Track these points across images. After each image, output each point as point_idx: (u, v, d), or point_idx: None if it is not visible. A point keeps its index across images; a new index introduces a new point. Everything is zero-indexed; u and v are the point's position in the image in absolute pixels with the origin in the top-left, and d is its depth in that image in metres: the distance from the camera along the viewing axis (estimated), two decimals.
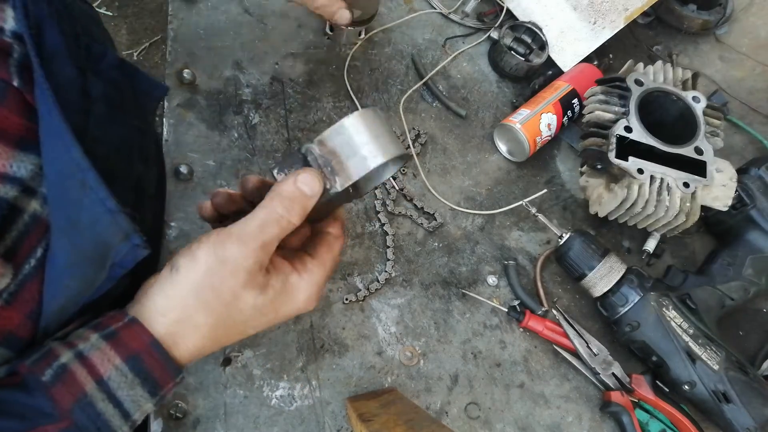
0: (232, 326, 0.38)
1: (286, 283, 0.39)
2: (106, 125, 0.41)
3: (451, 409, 0.60)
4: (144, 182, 0.48)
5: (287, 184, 0.36)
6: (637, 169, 0.64)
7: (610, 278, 0.64)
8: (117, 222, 0.35)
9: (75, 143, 0.33)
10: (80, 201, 0.34)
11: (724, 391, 0.61)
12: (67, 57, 0.38)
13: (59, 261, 0.34)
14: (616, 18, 0.79)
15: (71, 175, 0.33)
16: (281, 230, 0.36)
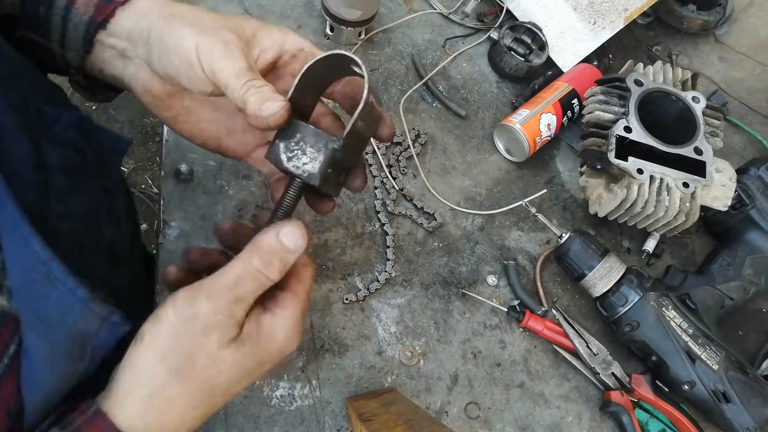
0: (214, 391, 0.34)
1: (261, 327, 0.35)
2: (69, 196, 0.39)
3: (451, 409, 0.60)
4: (117, 245, 0.45)
5: (268, 236, 0.34)
6: (637, 170, 0.64)
7: (609, 278, 0.64)
8: (90, 310, 0.32)
9: (33, 234, 0.31)
10: (47, 294, 0.31)
11: (724, 390, 0.62)
12: (17, 130, 0.35)
13: (34, 357, 0.32)
14: (616, 18, 0.79)
15: (34, 268, 0.31)
16: (258, 286, 0.34)
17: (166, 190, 0.60)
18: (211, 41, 0.36)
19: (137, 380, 0.33)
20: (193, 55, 0.36)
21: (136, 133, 1.63)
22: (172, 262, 0.56)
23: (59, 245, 0.32)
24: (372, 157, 0.70)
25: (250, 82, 0.36)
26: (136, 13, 0.39)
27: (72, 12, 0.39)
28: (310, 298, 0.60)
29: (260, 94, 0.36)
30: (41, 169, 0.36)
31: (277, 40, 0.40)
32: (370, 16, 0.73)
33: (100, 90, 0.46)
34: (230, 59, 0.36)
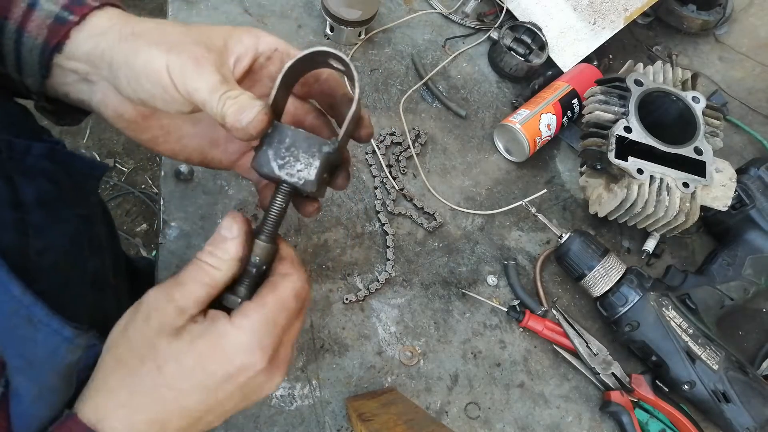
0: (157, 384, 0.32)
1: (211, 327, 0.33)
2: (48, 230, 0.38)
3: (451, 409, 0.60)
4: (101, 274, 0.45)
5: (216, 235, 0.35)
6: (637, 169, 0.64)
7: (609, 278, 0.64)
8: (78, 345, 0.32)
9: (11, 279, 0.31)
10: (32, 337, 0.31)
11: (724, 390, 0.62)
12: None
13: (23, 398, 0.32)
14: (616, 18, 0.79)
15: (16, 313, 0.31)
16: (200, 272, 0.33)
17: (166, 190, 0.60)
18: (182, 59, 0.34)
19: (93, 376, 0.34)
20: (165, 77, 0.34)
21: None
22: (172, 262, 0.57)
23: (42, 281, 0.32)
24: (372, 157, 0.70)
25: (225, 95, 0.34)
26: (94, 34, 0.36)
27: (24, 36, 0.36)
28: (311, 298, 0.60)
29: (237, 104, 0.34)
30: (17, 207, 0.36)
31: (249, 45, 0.38)
32: (370, 16, 0.73)
33: (68, 113, 0.43)
34: (203, 75, 0.34)
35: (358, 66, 0.76)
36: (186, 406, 0.33)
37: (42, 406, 0.33)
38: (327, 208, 0.66)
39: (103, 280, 0.46)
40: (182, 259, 0.57)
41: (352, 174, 0.69)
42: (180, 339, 0.32)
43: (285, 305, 0.35)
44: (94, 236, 0.45)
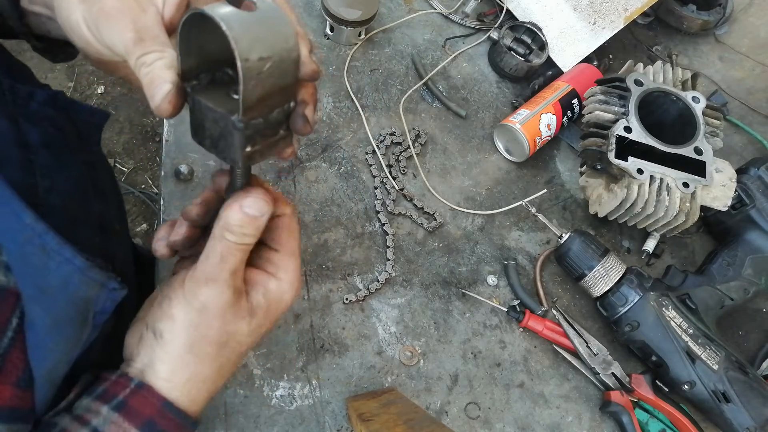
0: (235, 358, 0.38)
1: (268, 294, 0.38)
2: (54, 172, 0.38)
3: (451, 409, 0.60)
4: (106, 219, 0.45)
5: (233, 212, 0.34)
6: (637, 170, 0.64)
7: (609, 278, 0.64)
8: (89, 277, 0.33)
9: (24, 208, 0.31)
10: (45, 266, 0.32)
11: (724, 390, 0.62)
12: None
13: (38, 328, 0.33)
14: (616, 18, 0.79)
15: (29, 242, 0.31)
16: (242, 254, 0.35)
17: (166, 190, 0.60)
18: (93, 13, 0.31)
19: (171, 369, 0.36)
20: (85, 31, 0.32)
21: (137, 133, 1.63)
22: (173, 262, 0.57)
23: (50, 218, 0.32)
24: (372, 157, 0.70)
25: (140, 59, 0.31)
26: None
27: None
28: (310, 298, 0.60)
29: (150, 74, 0.30)
30: (24, 148, 0.36)
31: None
32: (370, 16, 0.73)
33: (60, 48, 0.42)
34: (115, 31, 0.31)
35: (358, 66, 0.76)
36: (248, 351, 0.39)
37: (57, 337, 0.33)
38: (327, 208, 0.66)
39: (109, 223, 0.46)
40: None
41: (355, 175, 0.69)
42: (255, 317, 0.37)
43: (299, 242, 0.40)
44: (98, 182, 0.45)
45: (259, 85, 0.31)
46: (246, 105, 0.30)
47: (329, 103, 0.72)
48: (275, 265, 0.38)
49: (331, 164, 0.69)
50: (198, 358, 0.36)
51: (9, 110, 0.36)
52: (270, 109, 0.33)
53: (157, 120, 1.63)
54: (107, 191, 0.48)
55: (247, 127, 0.31)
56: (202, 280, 0.35)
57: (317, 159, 0.68)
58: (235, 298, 0.35)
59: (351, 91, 0.73)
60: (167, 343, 0.35)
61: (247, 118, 0.31)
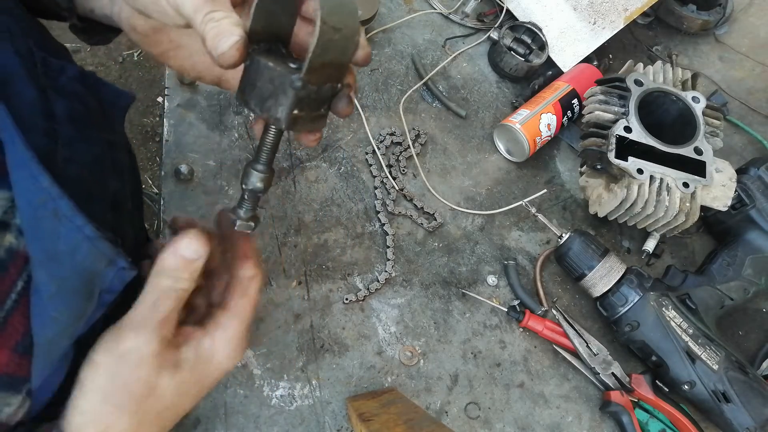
0: (159, 416, 0.35)
1: (199, 350, 0.36)
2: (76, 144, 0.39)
3: (451, 409, 0.60)
4: (120, 198, 0.45)
5: (168, 255, 0.34)
6: (637, 170, 0.64)
7: (609, 278, 0.64)
8: (98, 249, 0.33)
9: (42, 171, 0.31)
10: (56, 231, 0.32)
11: (724, 390, 0.62)
12: (25, 78, 0.35)
13: (43, 294, 0.32)
14: (616, 18, 0.79)
15: (43, 205, 0.31)
16: (175, 302, 0.34)
17: (166, 190, 0.60)
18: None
19: (85, 421, 0.34)
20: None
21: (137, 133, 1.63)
22: None
23: (66, 188, 0.32)
24: (372, 157, 0.70)
25: (208, 15, 0.32)
26: None
27: None
28: (310, 298, 0.60)
29: (217, 28, 0.32)
30: (49, 117, 0.36)
31: None
32: (370, 16, 0.73)
33: (99, 31, 0.44)
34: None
35: None
36: (185, 411, 0.37)
37: (61, 306, 0.33)
38: (327, 208, 0.66)
39: (122, 202, 0.46)
40: None
41: (355, 175, 0.69)
42: (180, 372, 0.35)
43: (253, 305, 0.38)
44: (117, 161, 0.45)
45: (326, 52, 0.33)
46: (310, 66, 0.32)
47: None
48: (215, 322, 0.37)
49: (331, 164, 0.69)
50: (115, 409, 0.34)
51: (40, 81, 0.37)
52: (324, 80, 0.35)
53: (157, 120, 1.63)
54: (125, 171, 0.48)
55: (303, 88, 0.33)
56: (129, 327, 0.34)
57: (317, 159, 0.68)
58: (161, 348, 0.34)
59: None
60: (86, 392, 0.34)
61: (306, 79, 0.33)
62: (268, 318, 0.58)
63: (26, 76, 0.35)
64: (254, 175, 0.38)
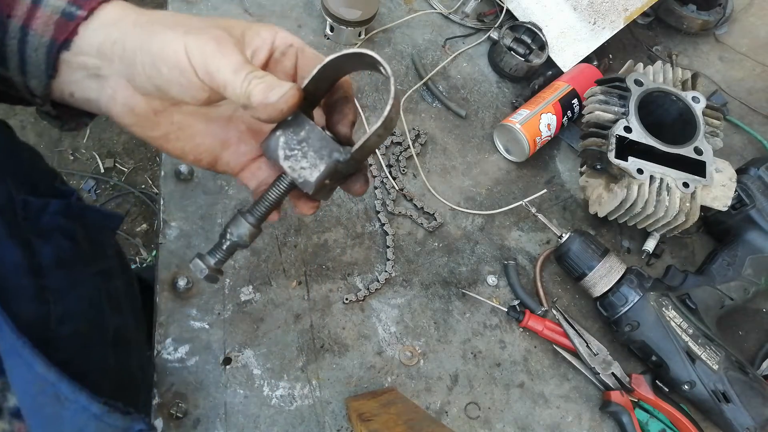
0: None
1: None
2: (67, 296, 0.38)
3: (451, 409, 0.60)
4: (122, 330, 0.45)
5: None
6: (637, 169, 0.64)
7: (609, 278, 0.64)
8: (107, 423, 0.32)
9: (36, 356, 0.30)
10: (59, 415, 0.31)
11: (724, 390, 0.62)
12: (5, 237, 0.34)
13: None
14: (616, 18, 0.79)
15: (42, 391, 0.31)
16: None
17: (166, 190, 0.60)
18: (201, 40, 0.33)
19: None
20: (183, 58, 0.33)
21: None
22: (172, 263, 0.57)
23: (63, 350, 0.32)
24: (372, 157, 0.70)
25: (251, 74, 0.33)
26: (105, 25, 0.35)
27: (29, 34, 0.35)
28: (310, 298, 0.60)
29: (265, 82, 0.33)
30: (36, 274, 0.35)
31: (267, 38, 0.38)
32: (370, 16, 0.73)
33: (73, 116, 0.41)
34: (225, 56, 0.33)
35: None
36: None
37: None
38: (327, 208, 0.66)
39: (125, 337, 0.45)
40: (182, 259, 0.57)
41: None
42: None
43: None
44: (113, 291, 0.44)
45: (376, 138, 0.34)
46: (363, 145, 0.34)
47: None
48: None
49: None
50: None
51: (21, 232, 0.35)
52: (360, 159, 0.36)
53: None
54: (122, 300, 0.47)
55: (345, 162, 0.34)
56: None
57: None
58: None
59: None
60: None
61: (353, 155, 0.34)
62: (268, 318, 0.58)
63: (7, 235, 0.34)
64: (244, 226, 0.37)
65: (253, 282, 0.59)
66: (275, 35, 0.38)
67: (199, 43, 0.33)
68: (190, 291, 0.56)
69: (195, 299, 0.56)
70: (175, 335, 0.54)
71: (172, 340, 0.53)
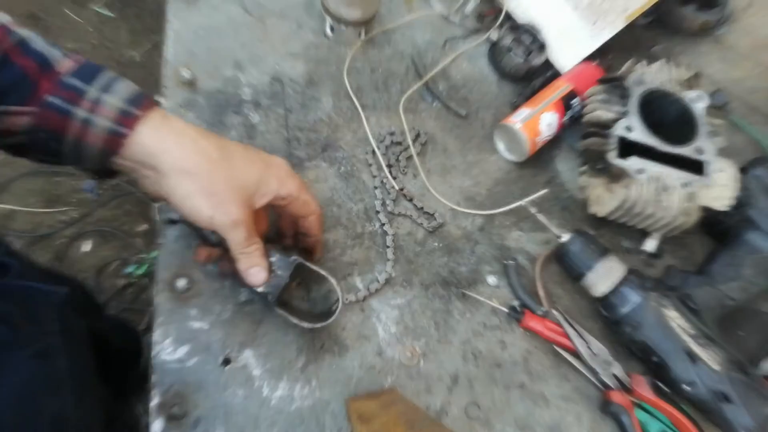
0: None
1: None
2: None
3: (451, 409, 0.60)
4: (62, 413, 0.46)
5: None
6: (637, 169, 0.64)
7: (609, 278, 0.64)
8: None
9: None
10: None
11: (725, 391, 0.61)
12: None
13: None
14: (616, 18, 0.79)
15: None
16: None
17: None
18: (223, 220, 0.45)
19: None
20: (207, 221, 0.45)
21: None
22: (172, 263, 0.57)
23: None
24: (372, 157, 0.70)
25: (245, 250, 0.48)
26: (145, 151, 0.44)
27: (83, 144, 0.42)
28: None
29: (250, 261, 0.49)
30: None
31: (273, 189, 0.49)
32: (370, 16, 0.73)
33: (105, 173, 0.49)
34: (235, 233, 0.47)
35: (358, 66, 0.76)
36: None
37: None
38: (327, 209, 0.66)
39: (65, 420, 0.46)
40: (182, 260, 0.57)
41: (355, 175, 0.69)
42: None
43: None
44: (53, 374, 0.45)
45: None
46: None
47: (329, 103, 0.72)
48: None
49: (330, 164, 0.69)
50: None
51: None
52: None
53: None
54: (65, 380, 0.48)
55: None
56: None
57: (317, 159, 0.68)
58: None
59: (351, 91, 0.73)
60: None
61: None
62: (268, 318, 0.57)
63: None
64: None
65: None
66: (280, 187, 0.50)
67: (222, 221, 0.46)
68: (189, 291, 0.56)
69: (194, 299, 0.56)
70: (174, 335, 0.54)
71: (172, 341, 0.53)
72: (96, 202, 1.50)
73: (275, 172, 0.49)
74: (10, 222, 1.43)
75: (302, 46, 0.75)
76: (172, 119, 0.45)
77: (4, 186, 1.46)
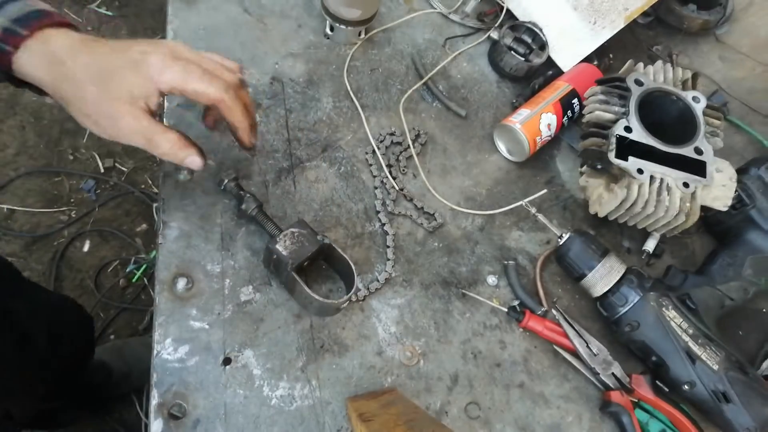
0: None
1: None
2: None
3: (451, 409, 0.60)
4: None
5: None
6: (637, 169, 0.64)
7: (609, 278, 0.64)
8: None
9: None
10: None
11: (724, 391, 0.61)
12: None
13: None
14: (616, 18, 0.79)
15: None
16: None
17: (166, 190, 0.60)
18: (116, 134, 0.47)
19: None
20: (108, 138, 0.48)
21: None
22: (172, 263, 0.57)
23: None
24: (372, 157, 0.70)
25: (161, 152, 0.50)
26: (38, 65, 0.45)
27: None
28: None
29: (175, 157, 0.50)
30: None
31: (151, 89, 0.48)
32: (370, 16, 0.73)
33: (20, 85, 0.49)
34: (139, 142, 0.48)
35: (358, 66, 0.76)
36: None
37: None
38: (327, 209, 0.66)
39: None
40: (182, 259, 0.57)
41: (355, 175, 0.69)
42: None
43: None
44: None
45: None
46: None
47: (329, 103, 0.72)
48: None
49: (331, 164, 0.69)
50: None
51: None
52: None
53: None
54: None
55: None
56: None
57: (317, 159, 0.68)
58: None
59: (351, 91, 0.73)
60: None
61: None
62: (268, 318, 0.57)
63: None
64: None
65: (253, 282, 0.59)
66: (160, 84, 0.48)
67: (116, 134, 0.48)
68: (189, 291, 0.56)
69: (195, 299, 0.56)
70: (174, 335, 0.54)
71: (172, 341, 0.53)
72: (96, 202, 1.50)
73: (145, 71, 0.47)
74: (10, 222, 1.43)
75: (302, 46, 0.75)
76: (55, 40, 0.45)
77: (4, 186, 1.46)
